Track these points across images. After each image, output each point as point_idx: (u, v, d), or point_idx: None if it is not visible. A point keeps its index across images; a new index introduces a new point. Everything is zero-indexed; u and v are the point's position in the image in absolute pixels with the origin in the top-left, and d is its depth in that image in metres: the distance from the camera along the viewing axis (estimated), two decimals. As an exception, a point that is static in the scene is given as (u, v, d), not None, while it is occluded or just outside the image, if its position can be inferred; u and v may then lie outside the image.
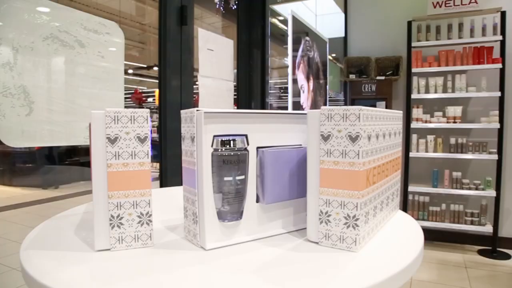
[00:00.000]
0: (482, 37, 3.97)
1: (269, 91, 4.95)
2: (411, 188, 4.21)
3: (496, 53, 3.94)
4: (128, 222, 0.71)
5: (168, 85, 1.83)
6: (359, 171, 0.65)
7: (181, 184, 0.79)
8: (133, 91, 11.39)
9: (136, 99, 11.28)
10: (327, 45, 3.23)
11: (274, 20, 4.28)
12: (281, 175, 0.76)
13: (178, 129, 1.92)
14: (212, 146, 0.70)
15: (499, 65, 3.86)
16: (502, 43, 3.90)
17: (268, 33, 2.53)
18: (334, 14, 4.88)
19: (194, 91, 1.92)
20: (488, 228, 4.01)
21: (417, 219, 4.21)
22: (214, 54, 1.91)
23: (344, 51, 4.69)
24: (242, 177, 0.72)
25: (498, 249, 4.09)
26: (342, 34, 4.73)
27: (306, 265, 0.64)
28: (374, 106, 4.30)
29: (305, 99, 2.61)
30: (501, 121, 3.90)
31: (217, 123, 0.71)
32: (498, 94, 3.89)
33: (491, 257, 4.01)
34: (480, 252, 4.13)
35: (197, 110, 0.69)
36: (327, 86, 3.10)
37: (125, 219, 0.71)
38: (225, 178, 0.71)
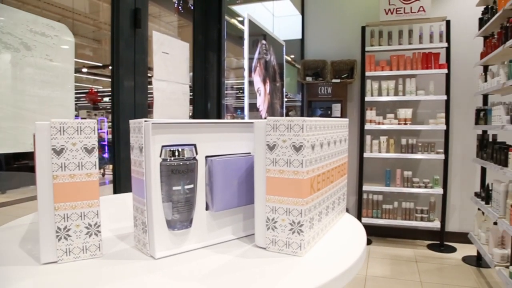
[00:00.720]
0: (430, 43, 4.19)
1: (228, 92, 4.96)
2: (365, 188, 4.37)
3: (443, 59, 4.17)
4: (75, 233, 0.71)
5: (121, 86, 1.79)
6: (303, 179, 0.68)
7: (135, 189, 0.79)
8: (88, 91, 11.01)
9: (91, 99, 10.92)
10: (284, 48, 3.29)
11: (234, 21, 4.29)
12: (230, 183, 0.78)
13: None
14: (160, 156, 0.71)
15: (445, 70, 4.09)
16: (448, 49, 4.13)
17: (224, 35, 2.54)
18: (293, 16, 4.96)
19: (150, 95, 1.90)
20: (436, 224, 4.23)
21: (371, 217, 4.37)
22: (169, 57, 1.90)
23: (301, 54, 4.79)
24: (191, 186, 0.74)
25: (446, 243, 4.33)
26: (300, 36, 4.83)
27: (253, 271, 0.67)
28: (330, 108, 4.42)
29: (262, 102, 2.65)
30: (447, 122, 4.13)
31: (166, 133, 0.71)
32: (444, 97, 4.12)
33: (439, 250, 4.23)
34: (430, 247, 4.35)
35: (145, 121, 0.69)
36: (284, 89, 3.16)
37: (73, 230, 0.70)
38: (174, 188, 0.72)
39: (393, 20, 4.21)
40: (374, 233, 4.61)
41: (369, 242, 4.45)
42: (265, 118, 2.42)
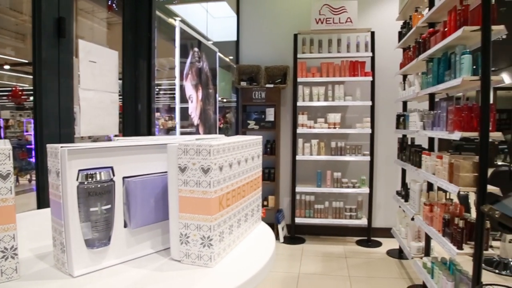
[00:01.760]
0: (357, 52, 4.47)
1: (166, 92, 4.91)
2: (298, 189, 4.56)
3: (368, 67, 4.47)
4: (-10, 257, 0.72)
5: (45, 94, 1.73)
6: (211, 198, 0.76)
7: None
8: (11, 89, 10.26)
9: (15, 98, 10.19)
10: (217, 54, 3.35)
11: (171, 20, 4.27)
12: (147, 201, 0.83)
13: (56, 136, 1.83)
14: (77, 179, 0.74)
15: (370, 78, 4.39)
16: (372, 59, 4.44)
17: (155, 37, 2.55)
18: (230, 18, 5.02)
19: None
20: (364, 221, 4.53)
21: (304, 217, 4.57)
22: (97, 65, 1.89)
23: (236, 58, 4.89)
24: (109, 206, 0.78)
25: (372, 238, 4.65)
26: (236, 39, 4.92)
27: (167, 283, 0.73)
28: (264, 112, 4.56)
29: (194, 108, 2.69)
30: (372, 126, 4.43)
31: (83, 158, 0.75)
32: (370, 103, 4.42)
33: (366, 246, 4.54)
34: (358, 242, 4.65)
35: (61, 147, 0.72)
36: (217, 94, 3.22)
37: (-13, 254, 0.71)
38: (91, 209, 0.76)
39: (323, 29, 4.44)
40: (307, 232, 4.83)
41: (302, 241, 4.65)
42: (197, 125, 2.46)
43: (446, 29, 2.58)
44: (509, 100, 12.54)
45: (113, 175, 0.79)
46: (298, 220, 4.57)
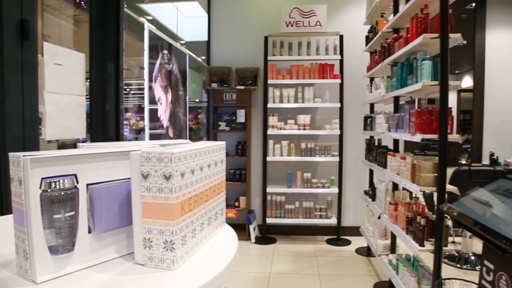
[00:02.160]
0: (326, 55, 4.56)
1: (133, 93, 4.85)
2: (269, 190, 4.61)
3: (337, 70, 4.57)
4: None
5: (7, 98, 1.69)
6: (173, 204, 0.78)
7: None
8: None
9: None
10: (187, 56, 3.35)
11: (142, 19, 4.23)
12: (110, 207, 0.85)
13: (20, 139, 1.79)
14: (40, 187, 0.75)
15: (339, 80, 4.49)
16: (341, 61, 4.55)
17: (123, 37, 2.53)
18: (202, 18, 5.01)
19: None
20: (333, 220, 4.63)
21: (275, 217, 4.63)
22: (63, 68, 1.86)
23: (207, 60, 4.89)
24: (72, 213, 0.79)
25: (342, 237, 4.76)
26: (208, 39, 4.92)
27: (129, 287, 0.75)
28: (235, 113, 4.58)
29: (163, 111, 2.69)
30: (341, 128, 4.54)
31: (46, 166, 0.76)
32: (339, 105, 4.52)
33: (336, 244, 4.64)
34: (328, 241, 4.74)
35: (24, 156, 0.73)
36: (187, 96, 3.22)
37: None
38: (55, 216, 0.77)
39: (293, 32, 4.51)
40: (279, 232, 4.89)
41: (274, 240, 4.71)
42: (167, 127, 2.46)
43: (408, 35, 2.69)
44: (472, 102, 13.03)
45: (77, 183, 0.81)
46: (269, 221, 4.63)
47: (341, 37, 4.56)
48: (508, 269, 1.46)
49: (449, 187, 2.40)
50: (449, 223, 3.39)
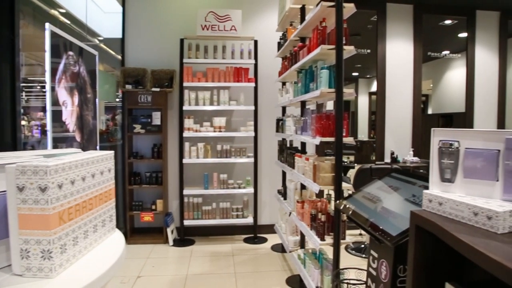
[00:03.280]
0: (241, 59, 4.68)
1: (37, 90, 4.55)
2: (186, 192, 4.62)
3: (251, 74, 4.72)
4: None
5: None
6: (50, 214, 0.81)
7: None
8: None
9: None
10: (97, 57, 3.25)
11: (54, 12, 3.98)
12: (-14, 221, 0.84)
13: None
14: None
15: (253, 84, 4.64)
16: (256, 66, 4.70)
17: (19, 34, 2.39)
18: (120, 14, 4.81)
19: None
20: (250, 220, 4.77)
21: (193, 219, 4.65)
22: None
23: (122, 60, 4.76)
24: None
25: (259, 235, 4.92)
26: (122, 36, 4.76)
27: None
28: (151, 116, 4.53)
29: (69, 115, 2.59)
30: (255, 130, 4.69)
31: None
32: (253, 107, 4.67)
33: (253, 242, 4.78)
34: (245, 240, 4.88)
35: None
36: (97, 99, 3.12)
37: None
38: None
39: (208, 35, 4.57)
40: (197, 234, 4.92)
41: (192, 242, 4.73)
42: (73, 132, 2.37)
43: (311, 45, 2.89)
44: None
45: None
46: (187, 222, 4.64)
47: (256, 42, 4.72)
48: (387, 256, 1.65)
49: (346, 185, 2.62)
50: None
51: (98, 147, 3.35)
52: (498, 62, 5.90)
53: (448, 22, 6.07)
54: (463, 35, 5.89)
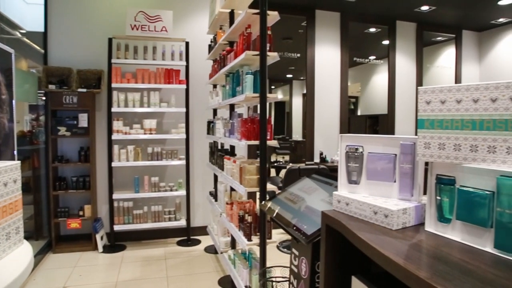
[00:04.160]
0: (172, 61, 4.64)
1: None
2: (115, 196, 4.49)
3: (183, 76, 4.69)
4: None
5: None
6: None
7: None
8: None
9: None
10: (13, 55, 3.05)
11: None
12: None
13: None
14: None
15: (185, 86, 4.63)
16: (187, 67, 4.69)
17: None
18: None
19: None
20: (182, 222, 4.74)
21: (124, 223, 4.53)
22: None
23: (44, 57, 4.50)
24: None
25: (192, 237, 4.91)
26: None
27: None
28: (77, 117, 4.34)
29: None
30: (187, 132, 4.68)
31: None
32: (184, 110, 4.66)
33: (186, 245, 4.77)
34: (179, 243, 4.84)
35: None
36: (13, 100, 2.93)
37: None
38: None
39: (138, 36, 4.47)
40: (129, 238, 4.80)
41: (123, 248, 4.61)
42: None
43: (238, 50, 2.95)
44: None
45: None
46: (117, 228, 4.51)
47: (187, 43, 4.70)
48: (306, 254, 1.75)
49: (270, 187, 2.72)
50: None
51: (15, 151, 3.15)
52: (416, 69, 6.41)
53: (372, 30, 6.47)
54: (386, 42, 6.31)
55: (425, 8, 5.64)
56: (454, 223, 0.97)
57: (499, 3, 5.43)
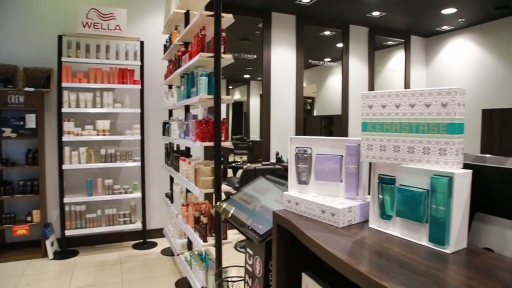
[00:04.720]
0: (126, 60, 4.54)
1: None
2: (67, 200, 4.33)
3: (137, 76, 4.60)
4: None
5: None
6: None
7: None
8: None
9: None
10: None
11: None
12: None
13: None
14: None
15: (139, 86, 4.54)
16: (142, 67, 4.60)
17: None
18: None
19: None
20: (138, 225, 4.65)
21: (76, 228, 4.39)
22: None
23: (-12, 56, 4.27)
24: None
25: (148, 240, 4.83)
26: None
27: None
28: (23, 118, 4.15)
29: None
30: (142, 133, 4.60)
31: None
32: (139, 110, 4.57)
33: (142, 248, 4.68)
34: (134, 246, 4.74)
35: None
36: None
37: None
38: None
39: (90, 33, 4.33)
40: (81, 243, 4.64)
41: (75, 253, 4.45)
42: None
43: (192, 51, 2.94)
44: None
45: None
46: (69, 233, 4.35)
47: (142, 43, 4.62)
48: (260, 253, 1.78)
49: (228, 188, 2.74)
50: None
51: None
52: (368, 71, 6.65)
53: (327, 33, 6.64)
54: (340, 45, 6.51)
55: (376, 13, 5.87)
56: (394, 220, 1.03)
57: (442, 11, 5.75)
